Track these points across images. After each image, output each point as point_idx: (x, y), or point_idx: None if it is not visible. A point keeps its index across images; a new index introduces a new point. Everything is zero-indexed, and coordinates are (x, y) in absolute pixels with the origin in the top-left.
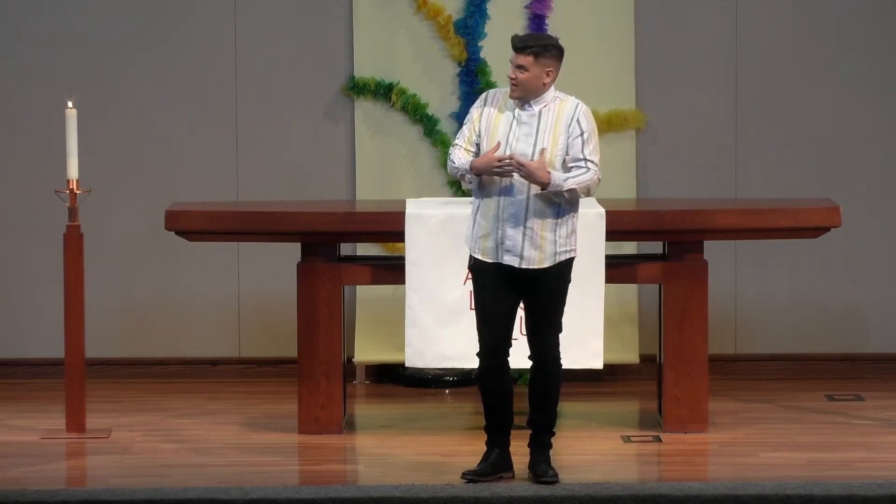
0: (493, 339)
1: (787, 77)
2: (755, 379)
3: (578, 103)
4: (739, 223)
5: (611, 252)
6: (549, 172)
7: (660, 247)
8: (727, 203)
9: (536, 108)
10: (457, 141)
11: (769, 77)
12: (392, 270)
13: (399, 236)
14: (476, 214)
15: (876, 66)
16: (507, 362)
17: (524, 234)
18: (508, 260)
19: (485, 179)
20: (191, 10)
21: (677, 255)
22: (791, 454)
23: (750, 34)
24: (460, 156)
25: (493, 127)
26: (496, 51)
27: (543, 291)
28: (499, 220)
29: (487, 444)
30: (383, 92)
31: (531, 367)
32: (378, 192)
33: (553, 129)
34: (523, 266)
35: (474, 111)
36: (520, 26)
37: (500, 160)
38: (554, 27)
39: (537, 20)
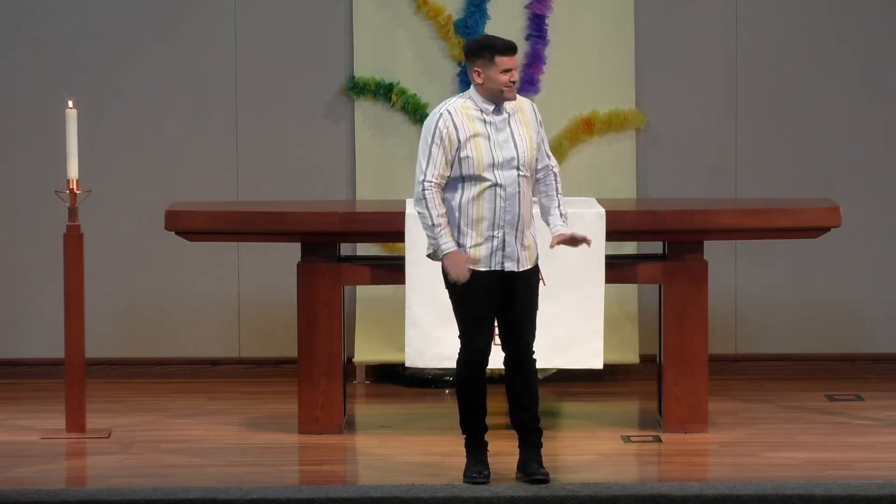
0: (485, 344)
1: (787, 77)
2: (755, 379)
3: (530, 101)
4: (739, 223)
5: (611, 252)
6: (570, 231)
7: (660, 247)
8: (727, 203)
9: (503, 111)
10: (428, 177)
11: (769, 77)
12: (392, 270)
13: (399, 236)
14: (460, 225)
15: (876, 66)
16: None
17: (516, 238)
18: (509, 266)
19: (477, 191)
20: (191, 10)
21: (677, 255)
22: (791, 454)
23: (750, 34)
24: (440, 213)
25: (473, 139)
26: None
27: (529, 292)
28: (495, 227)
29: (475, 445)
30: (383, 92)
31: (509, 369)
32: (378, 192)
33: (525, 129)
34: (520, 269)
35: (444, 138)
36: (520, 26)
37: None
38: (554, 27)
39: (537, 20)
